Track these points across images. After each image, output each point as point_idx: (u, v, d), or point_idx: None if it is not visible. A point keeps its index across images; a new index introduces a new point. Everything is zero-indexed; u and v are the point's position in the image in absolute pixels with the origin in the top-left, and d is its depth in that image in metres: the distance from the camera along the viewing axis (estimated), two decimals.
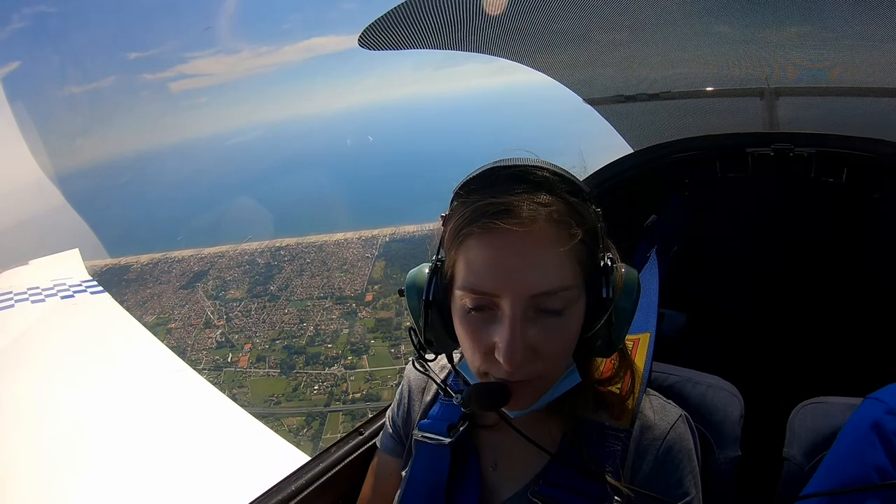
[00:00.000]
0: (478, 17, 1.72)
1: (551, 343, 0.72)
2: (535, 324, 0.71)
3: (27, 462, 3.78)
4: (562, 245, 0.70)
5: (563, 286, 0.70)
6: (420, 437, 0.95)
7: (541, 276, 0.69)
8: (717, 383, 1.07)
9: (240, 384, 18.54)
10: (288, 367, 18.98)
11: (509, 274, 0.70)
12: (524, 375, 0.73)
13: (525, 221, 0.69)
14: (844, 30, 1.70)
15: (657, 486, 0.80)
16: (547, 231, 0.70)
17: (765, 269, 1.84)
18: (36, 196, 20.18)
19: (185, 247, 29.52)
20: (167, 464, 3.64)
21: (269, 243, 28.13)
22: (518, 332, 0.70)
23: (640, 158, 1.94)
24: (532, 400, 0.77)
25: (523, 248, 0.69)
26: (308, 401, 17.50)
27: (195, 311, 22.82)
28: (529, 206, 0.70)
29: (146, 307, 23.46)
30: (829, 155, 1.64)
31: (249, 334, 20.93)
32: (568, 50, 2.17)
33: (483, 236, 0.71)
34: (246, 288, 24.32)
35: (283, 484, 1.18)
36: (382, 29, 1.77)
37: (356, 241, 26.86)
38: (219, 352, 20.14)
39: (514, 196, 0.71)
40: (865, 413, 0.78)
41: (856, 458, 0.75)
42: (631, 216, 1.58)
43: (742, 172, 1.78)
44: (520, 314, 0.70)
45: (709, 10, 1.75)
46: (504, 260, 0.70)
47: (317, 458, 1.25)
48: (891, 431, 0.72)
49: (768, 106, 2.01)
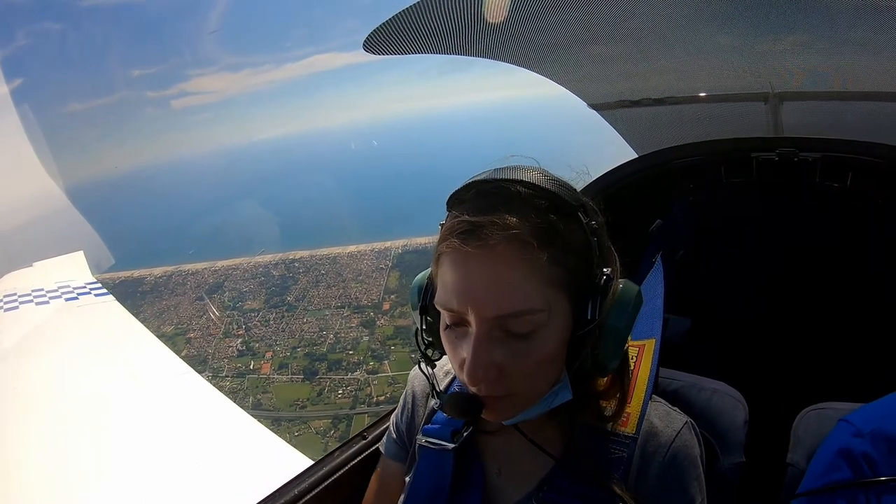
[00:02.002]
0: (482, 23, 1.73)
1: (519, 365, 0.71)
2: (502, 345, 0.71)
3: (30, 462, 3.79)
4: (527, 270, 0.69)
5: (527, 309, 0.69)
6: (424, 442, 0.94)
7: (502, 299, 0.69)
8: (721, 389, 1.07)
9: (264, 390, 18.84)
10: (311, 373, 19.22)
11: (473, 295, 0.70)
12: (491, 392, 0.73)
13: (488, 243, 0.68)
14: (848, 35, 1.71)
15: (662, 493, 0.80)
16: (509, 253, 0.68)
17: (769, 273, 1.83)
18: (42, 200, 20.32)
19: (198, 260, 29.92)
20: (170, 466, 3.64)
21: (282, 256, 28.41)
22: (480, 351, 0.70)
23: (645, 163, 1.94)
24: (510, 413, 0.77)
25: (485, 271, 0.69)
26: (333, 404, 17.74)
27: (213, 322, 23.12)
28: (493, 227, 0.68)
29: (163, 318, 23.78)
30: (834, 160, 1.64)
31: (270, 343, 21.23)
32: (572, 55, 2.18)
33: (452, 255, 0.71)
34: (263, 299, 24.59)
35: (285, 488, 1.17)
36: (387, 34, 1.79)
37: (369, 252, 27.06)
38: (241, 360, 20.49)
39: (481, 216, 0.70)
40: (835, 437, 0.79)
41: (823, 480, 0.77)
42: (636, 221, 1.58)
43: (747, 177, 1.78)
44: (484, 333, 0.70)
45: (713, 16, 1.76)
46: (468, 281, 0.70)
47: (320, 463, 1.25)
48: (858, 454, 0.74)
49: (772, 111, 2.01)
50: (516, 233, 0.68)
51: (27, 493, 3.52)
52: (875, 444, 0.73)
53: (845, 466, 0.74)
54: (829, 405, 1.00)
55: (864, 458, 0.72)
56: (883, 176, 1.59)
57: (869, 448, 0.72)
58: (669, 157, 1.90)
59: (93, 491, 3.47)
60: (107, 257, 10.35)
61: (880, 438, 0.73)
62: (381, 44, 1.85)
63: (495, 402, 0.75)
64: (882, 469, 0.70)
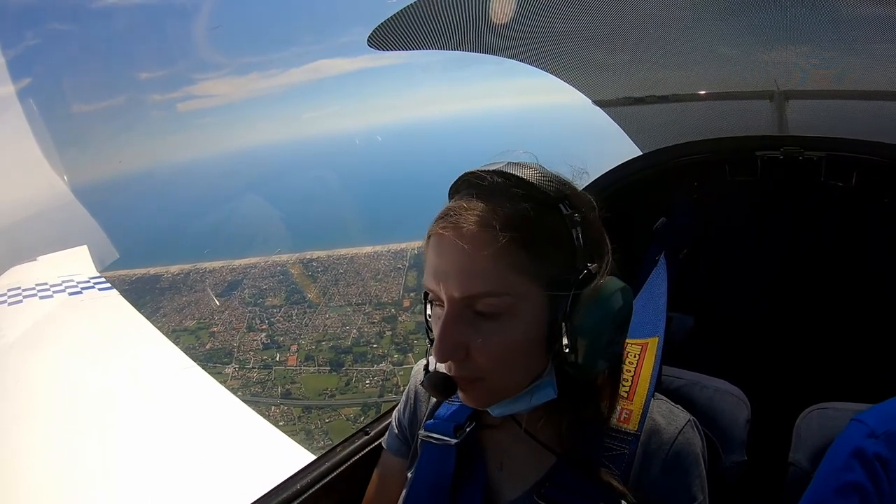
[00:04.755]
0: (487, 19, 1.72)
1: (488, 346, 0.74)
2: (469, 325, 0.75)
3: (34, 456, 3.81)
4: (490, 251, 0.72)
5: (490, 291, 0.73)
6: (426, 437, 0.95)
7: (467, 280, 0.73)
8: (724, 387, 1.07)
9: (292, 380, 19.37)
10: (337, 365, 19.75)
11: (444, 276, 0.75)
12: (461, 373, 0.77)
13: (459, 227, 0.74)
14: (856, 33, 1.69)
15: (664, 490, 0.80)
16: (475, 236, 0.73)
17: (773, 272, 1.83)
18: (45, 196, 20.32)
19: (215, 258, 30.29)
20: (174, 461, 3.66)
21: (299, 256, 28.76)
22: (447, 329, 0.74)
23: (649, 161, 1.93)
24: (485, 399, 0.80)
25: (455, 253, 0.74)
26: (361, 393, 18.19)
27: (236, 316, 23.55)
28: (463, 211, 0.75)
29: (184, 313, 24.15)
30: (839, 159, 1.63)
31: (294, 336, 21.71)
32: (576, 52, 2.16)
33: (434, 240, 0.78)
34: (283, 296, 24.94)
35: (288, 483, 1.18)
36: (391, 29, 1.78)
37: (385, 253, 27.24)
38: (266, 352, 20.93)
39: (457, 202, 0.77)
40: (848, 437, 0.79)
41: (835, 480, 0.76)
42: (640, 219, 1.58)
43: (751, 176, 1.77)
44: (454, 314, 0.74)
45: (718, 13, 1.75)
46: (441, 264, 0.76)
47: (322, 458, 1.25)
48: (872, 455, 0.74)
49: (778, 109, 1.99)
50: (482, 216, 0.74)
51: (29, 487, 3.53)
52: (889, 446, 0.72)
53: (858, 467, 0.73)
54: (831, 405, 1.00)
55: (877, 460, 0.72)
56: (888, 175, 1.58)
57: (883, 449, 0.72)
58: (673, 154, 1.89)
59: (96, 486, 3.48)
60: (110, 252, 10.38)
61: (895, 440, 0.72)
62: (385, 40, 1.84)
63: (468, 384, 0.78)
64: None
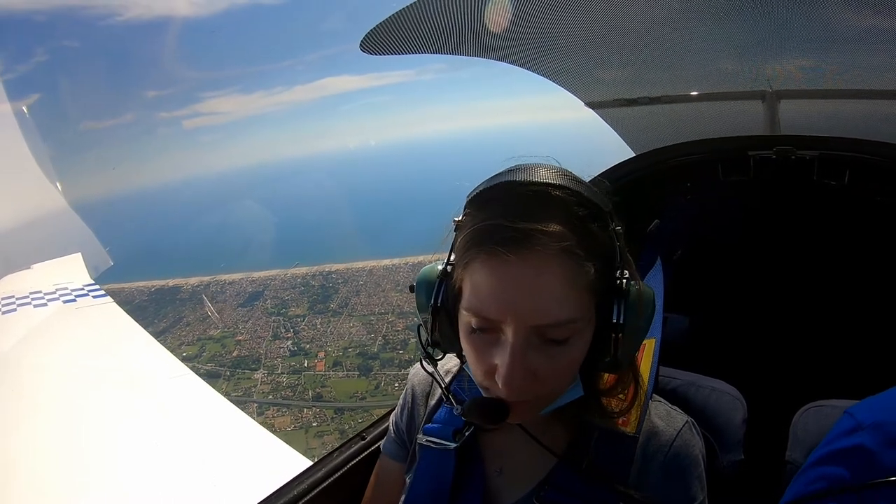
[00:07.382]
0: (480, 23, 1.73)
1: (553, 369, 0.71)
2: (538, 351, 0.70)
3: (28, 463, 3.77)
4: (571, 279, 0.67)
5: (570, 319, 0.68)
6: (424, 441, 0.94)
7: (546, 309, 0.67)
8: (720, 387, 1.07)
9: (322, 384, 19.87)
10: (366, 370, 20.24)
11: (513, 304, 0.67)
12: (521, 397, 0.72)
13: (533, 253, 0.66)
14: (847, 33, 1.71)
15: (664, 492, 0.80)
16: (555, 264, 0.66)
17: (767, 272, 1.83)
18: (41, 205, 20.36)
19: (234, 271, 30.75)
20: (169, 468, 3.63)
21: (318, 268, 29.20)
22: (518, 360, 0.68)
23: (642, 162, 1.93)
24: (531, 414, 0.77)
25: (528, 280, 0.67)
26: (391, 396, 18.42)
27: (260, 325, 24.00)
28: (539, 237, 0.66)
29: (207, 322, 24.56)
30: (832, 158, 1.64)
31: (320, 344, 22.26)
32: (569, 54, 2.17)
33: (488, 262, 0.68)
34: (306, 306, 25.48)
35: (285, 489, 1.17)
36: (384, 34, 1.78)
37: (404, 266, 27.62)
38: (293, 359, 21.49)
39: (524, 223, 0.66)
40: (837, 429, 0.79)
41: (816, 472, 0.76)
42: (634, 221, 1.58)
43: (744, 176, 1.78)
44: (522, 342, 0.68)
45: (710, 14, 1.76)
46: (508, 290, 0.67)
47: (319, 463, 1.25)
48: (857, 447, 0.73)
49: (770, 109, 2.01)
50: (566, 244, 0.67)
51: (25, 495, 3.50)
52: (874, 437, 0.72)
53: (841, 459, 0.74)
54: (827, 403, 1.01)
55: (862, 451, 0.72)
56: (881, 174, 1.59)
57: (867, 440, 0.72)
58: (666, 155, 1.90)
59: (90, 493, 3.46)
60: (104, 259, 10.31)
61: (880, 431, 0.73)
62: (378, 44, 1.84)
63: (521, 405, 0.74)
64: (880, 462, 0.70)
